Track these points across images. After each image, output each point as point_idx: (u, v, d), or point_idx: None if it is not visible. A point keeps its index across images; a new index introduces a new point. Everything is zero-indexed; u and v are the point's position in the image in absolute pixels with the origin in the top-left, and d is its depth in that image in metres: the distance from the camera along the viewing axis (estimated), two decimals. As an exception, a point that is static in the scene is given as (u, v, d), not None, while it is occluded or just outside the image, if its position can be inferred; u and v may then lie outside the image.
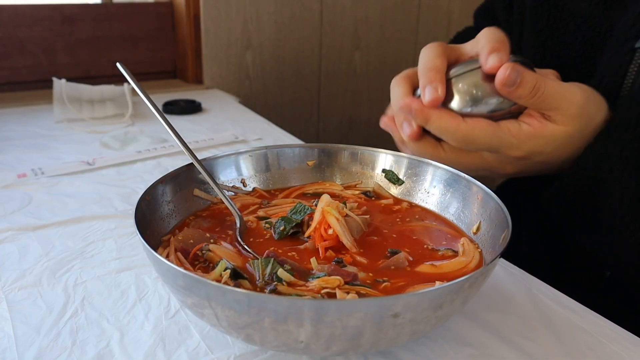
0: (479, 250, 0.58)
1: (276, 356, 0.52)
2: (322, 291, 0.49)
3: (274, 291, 0.49)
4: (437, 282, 0.51)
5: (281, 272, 0.50)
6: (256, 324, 0.44)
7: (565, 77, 0.78)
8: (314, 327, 0.42)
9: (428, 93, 0.61)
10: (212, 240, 0.58)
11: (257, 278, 0.52)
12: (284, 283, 0.50)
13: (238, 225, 0.61)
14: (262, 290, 0.50)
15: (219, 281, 0.49)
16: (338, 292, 0.48)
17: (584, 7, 0.78)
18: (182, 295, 0.47)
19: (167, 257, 0.54)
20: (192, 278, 0.44)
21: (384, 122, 0.70)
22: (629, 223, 0.61)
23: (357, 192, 0.71)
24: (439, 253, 0.58)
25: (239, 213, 0.62)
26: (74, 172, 0.94)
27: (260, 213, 0.65)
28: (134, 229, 0.51)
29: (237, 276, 0.50)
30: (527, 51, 0.88)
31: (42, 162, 0.98)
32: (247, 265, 0.54)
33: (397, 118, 0.66)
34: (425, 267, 0.55)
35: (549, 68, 0.77)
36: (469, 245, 0.59)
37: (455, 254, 0.58)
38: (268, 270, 0.51)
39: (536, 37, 0.84)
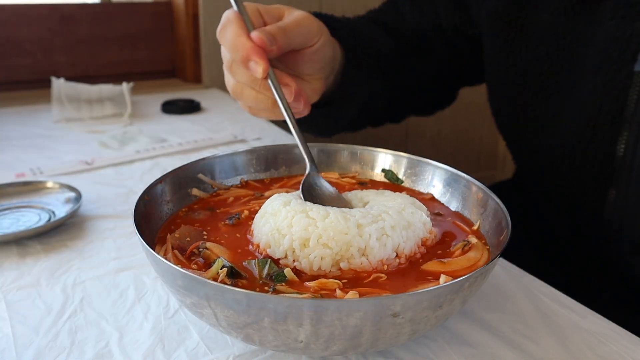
0: (487, 247, 0.57)
1: (275, 356, 0.51)
2: (321, 291, 0.49)
3: (273, 291, 0.49)
4: (442, 276, 0.50)
5: (287, 272, 0.50)
6: (255, 324, 0.44)
7: (531, 94, 0.78)
8: (313, 327, 0.42)
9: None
10: (205, 236, 0.58)
11: (256, 278, 0.51)
12: (283, 283, 0.50)
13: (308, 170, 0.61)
14: (261, 289, 0.50)
15: (215, 279, 0.49)
16: (338, 291, 0.48)
17: (546, 18, 0.75)
18: (181, 295, 0.47)
19: (164, 254, 0.54)
20: (192, 278, 0.44)
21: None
22: None
23: (353, 181, 0.71)
24: (450, 249, 0.56)
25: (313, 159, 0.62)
26: (72, 172, 0.93)
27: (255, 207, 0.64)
28: (133, 229, 0.51)
29: (234, 275, 0.50)
30: (488, 67, 0.85)
31: (40, 161, 0.98)
32: (244, 263, 0.54)
33: (242, 57, 0.60)
34: (432, 265, 0.53)
35: (512, 85, 0.77)
36: (478, 242, 0.58)
37: (469, 245, 0.56)
38: (265, 270, 0.51)
39: (497, 53, 0.81)
